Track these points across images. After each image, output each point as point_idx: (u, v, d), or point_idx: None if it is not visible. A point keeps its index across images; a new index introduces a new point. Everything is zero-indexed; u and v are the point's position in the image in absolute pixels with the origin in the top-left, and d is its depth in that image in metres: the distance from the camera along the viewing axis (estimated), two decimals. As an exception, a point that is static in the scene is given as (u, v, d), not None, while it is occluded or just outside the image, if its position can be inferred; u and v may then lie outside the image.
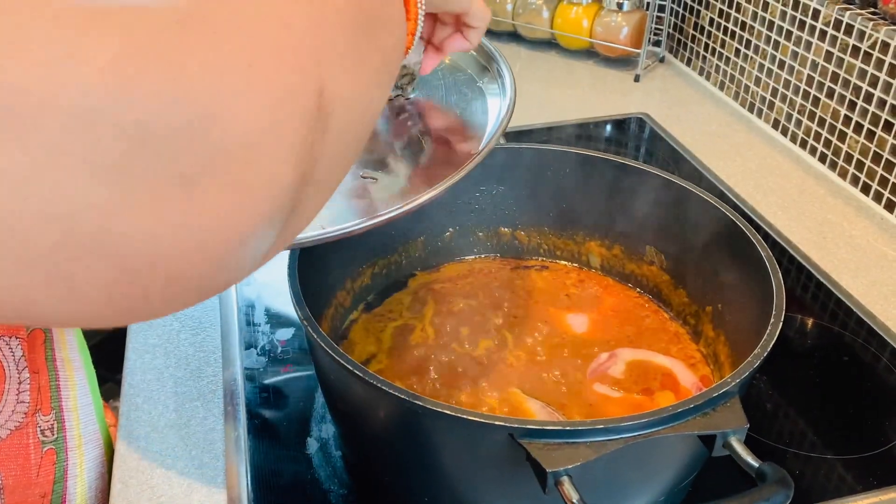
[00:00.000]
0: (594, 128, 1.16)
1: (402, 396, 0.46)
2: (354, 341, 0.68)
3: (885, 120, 0.92)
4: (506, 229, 0.78)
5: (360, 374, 0.47)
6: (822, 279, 0.84)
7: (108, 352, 0.79)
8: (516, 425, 0.45)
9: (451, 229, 0.77)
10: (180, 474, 0.62)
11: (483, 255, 0.79)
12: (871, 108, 0.94)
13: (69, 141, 0.20)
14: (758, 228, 0.92)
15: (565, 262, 0.78)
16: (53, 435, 0.57)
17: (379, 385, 0.46)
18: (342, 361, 0.48)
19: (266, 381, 0.70)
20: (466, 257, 0.78)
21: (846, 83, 0.97)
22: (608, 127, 1.17)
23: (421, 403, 0.46)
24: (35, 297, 0.23)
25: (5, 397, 0.52)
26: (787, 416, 0.69)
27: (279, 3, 0.25)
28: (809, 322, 0.79)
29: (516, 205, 0.77)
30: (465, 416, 0.45)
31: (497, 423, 0.45)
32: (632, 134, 1.17)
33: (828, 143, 1.02)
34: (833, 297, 0.82)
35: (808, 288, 0.84)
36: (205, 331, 0.76)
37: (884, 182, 0.93)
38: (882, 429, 0.67)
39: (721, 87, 1.23)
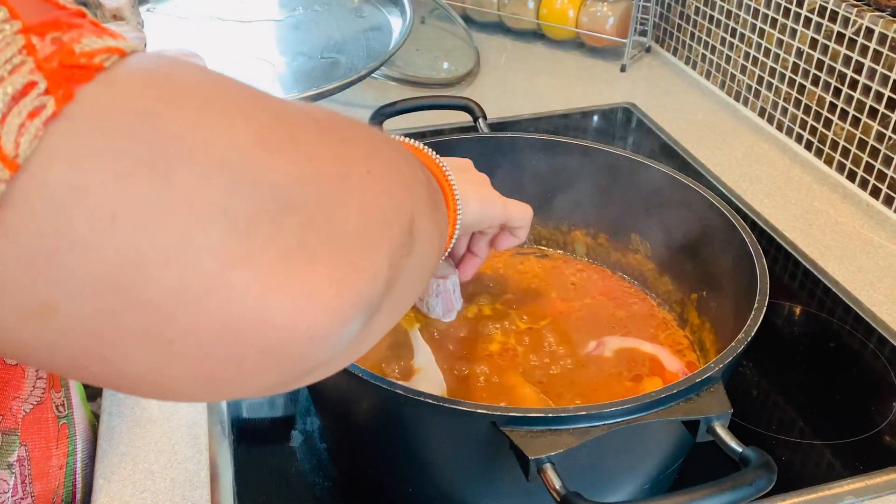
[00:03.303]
0: (580, 118, 1.16)
1: (382, 385, 0.45)
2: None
3: (870, 106, 0.92)
4: (491, 219, 0.78)
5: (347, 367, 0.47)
6: (808, 266, 0.84)
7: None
8: (498, 413, 0.44)
9: (435, 220, 0.76)
10: (163, 469, 0.61)
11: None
12: (856, 95, 0.93)
13: (209, 188, 0.21)
14: (744, 217, 0.92)
15: (560, 251, 0.78)
16: (65, 410, 0.58)
17: (359, 374, 0.46)
18: (322, 351, 0.48)
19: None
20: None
21: (831, 70, 0.97)
22: (595, 117, 1.16)
23: (402, 392, 0.45)
24: (126, 348, 0.22)
25: (28, 372, 0.53)
26: (774, 403, 0.68)
27: (387, 144, 0.31)
28: (796, 309, 0.79)
29: (501, 194, 0.76)
30: (446, 405, 0.45)
31: (479, 411, 0.44)
32: (618, 124, 1.16)
33: (813, 131, 1.02)
34: (819, 283, 0.82)
35: (795, 275, 0.84)
36: (188, 325, 0.75)
37: (869, 169, 0.93)
38: (868, 414, 0.67)
39: (707, 77, 1.23)
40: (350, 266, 0.26)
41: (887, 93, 0.89)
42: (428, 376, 0.62)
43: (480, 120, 0.78)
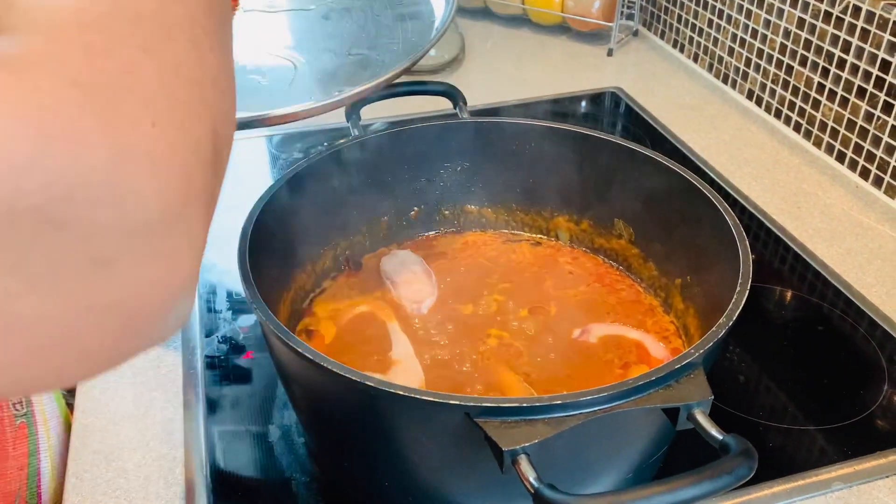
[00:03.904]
0: (567, 104, 1.14)
1: (352, 378, 0.44)
2: (321, 317, 0.66)
3: (858, 86, 0.90)
4: (472, 207, 0.76)
5: (310, 357, 0.45)
6: (797, 249, 0.83)
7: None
8: (472, 404, 0.43)
9: (416, 208, 0.75)
10: (137, 467, 0.60)
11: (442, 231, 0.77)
12: (844, 75, 0.92)
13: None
14: (732, 200, 0.90)
15: (548, 238, 0.76)
16: (23, 409, 0.56)
17: (328, 367, 0.44)
18: (292, 344, 0.46)
19: (227, 369, 0.68)
20: (431, 232, 0.76)
21: (819, 50, 0.95)
22: (581, 103, 1.15)
23: (372, 385, 0.44)
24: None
25: None
26: (762, 389, 0.67)
27: (164, 49, 0.24)
28: (786, 293, 0.78)
29: (482, 181, 0.75)
30: (418, 396, 0.43)
31: (452, 402, 0.43)
32: (606, 109, 1.15)
33: (802, 112, 1.00)
34: (808, 267, 0.80)
35: (784, 259, 0.82)
36: (165, 319, 0.74)
37: (858, 150, 0.92)
38: (858, 398, 0.66)
39: (695, 59, 1.21)
40: (161, 255, 0.24)
41: (875, 72, 0.87)
42: (406, 368, 0.61)
43: (461, 106, 0.76)
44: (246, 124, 0.53)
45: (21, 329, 0.22)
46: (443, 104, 0.78)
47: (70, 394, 0.68)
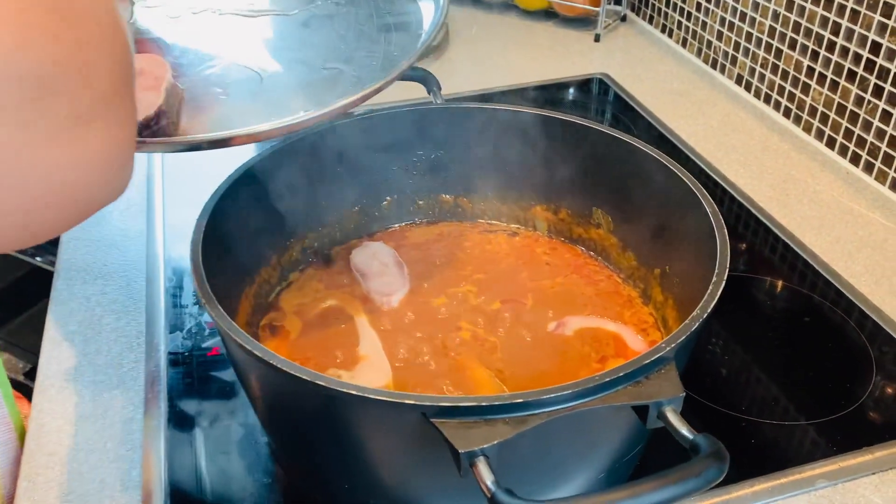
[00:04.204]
0: (553, 90, 1.11)
1: (303, 377, 0.42)
2: (286, 311, 0.64)
3: (849, 69, 0.87)
4: (447, 196, 0.74)
5: (259, 355, 0.43)
6: (785, 238, 0.80)
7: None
8: (428, 403, 0.40)
9: (388, 198, 0.72)
10: (92, 469, 0.57)
11: (421, 221, 0.74)
12: (834, 58, 0.89)
13: None
14: (720, 189, 0.88)
15: (526, 228, 0.74)
16: None
17: (278, 365, 0.42)
18: (241, 341, 0.44)
19: (191, 366, 0.66)
20: (403, 223, 0.74)
21: (808, 32, 0.93)
22: (568, 89, 1.12)
23: (324, 384, 0.41)
24: None
25: None
26: (745, 383, 0.65)
27: None
28: (772, 283, 0.75)
29: (457, 170, 0.73)
30: (372, 396, 0.41)
31: (407, 401, 0.41)
32: (592, 95, 1.12)
33: (791, 97, 0.98)
34: (796, 255, 0.78)
35: (773, 248, 0.80)
36: (129, 314, 0.71)
37: (849, 135, 0.89)
38: (845, 391, 0.63)
39: (684, 44, 1.18)
40: (121, 120, 0.34)
41: (866, 54, 0.84)
42: (373, 364, 0.58)
43: (435, 91, 0.74)
44: (191, 147, 0.48)
45: (27, 177, 0.30)
46: (421, 93, 0.75)
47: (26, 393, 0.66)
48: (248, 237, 0.61)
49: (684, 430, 0.40)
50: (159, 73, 0.47)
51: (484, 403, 0.40)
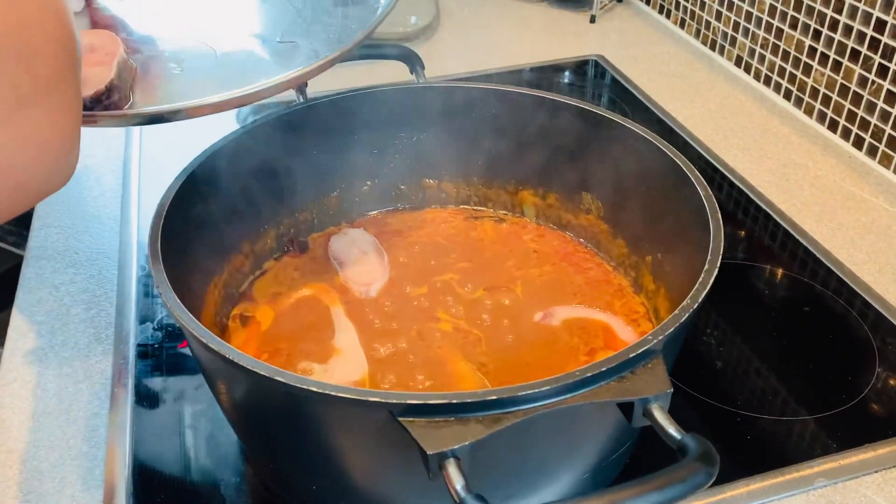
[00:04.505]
0: (547, 73, 1.08)
1: (261, 372, 0.39)
2: (259, 301, 0.61)
3: (852, 48, 0.84)
4: (431, 181, 0.71)
5: (215, 348, 0.40)
6: (785, 225, 0.77)
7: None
8: (394, 401, 0.37)
9: (369, 183, 0.69)
10: (53, 467, 0.55)
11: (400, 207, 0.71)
12: (837, 37, 0.86)
13: None
14: (719, 174, 0.84)
15: (513, 214, 0.70)
16: None
17: (234, 359, 0.39)
18: (196, 333, 0.41)
19: (160, 359, 0.63)
20: (385, 209, 0.71)
21: (810, 11, 0.89)
22: (563, 72, 1.08)
23: (283, 380, 0.38)
24: None
25: None
26: (744, 375, 0.62)
27: None
28: (771, 271, 0.72)
29: (441, 153, 0.69)
30: (334, 394, 0.38)
31: (372, 399, 0.38)
32: (588, 78, 1.08)
33: (792, 79, 0.94)
34: (796, 243, 0.75)
35: (773, 235, 0.76)
36: (98, 304, 0.68)
37: (851, 117, 0.86)
38: (848, 383, 0.60)
39: (682, 25, 1.14)
40: (64, 105, 0.34)
41: (870, 32, 0.81)
42: (348, 357, 0.55)
43: (418, 71, 0.70)
44: (144, 120, 0.47)
45: None
46: (405, 76, 0.72)
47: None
48: (218, 223, 0.58)
49: (672, 430, 0.37)
50: (111, 49, 0.45)
51: (455, 401, 0.37)
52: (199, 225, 0.55)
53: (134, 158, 0.87)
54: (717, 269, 0.45)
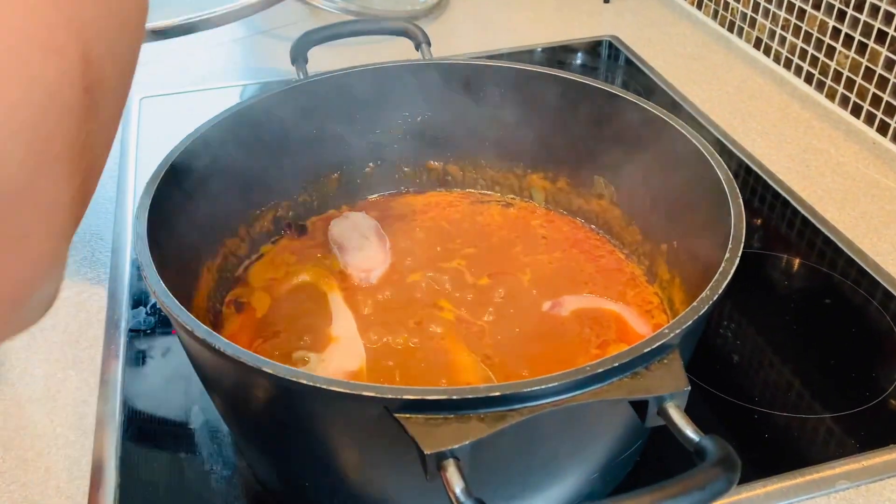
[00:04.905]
0: (559, 53, 1.04)
1: (248, 362, 0.36)
2: (254, 287, 0.58)
3: (879, 29, 0.80)
4: (436, 163, 0.68)
5: (200, 335, 0.37)
6: (805, 213, 0.74)
7: None
8: (390, 396, 0.35)
9: (371, 164, 0.67)
10: (38, 456, 0.52)
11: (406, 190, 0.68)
12: (863, 17, 0.82)
13: None
14: (736, 159, 0.81)
15: (521, 198, 0.68)
16: None
17: (219, 347, 0.37)
18: (181, 320, 0.38)
19: (153, 345, 0.60)
20: (387, 192, 0.68)
21: (835, -11, 0.85)
22: (575, 53, 1.05)
23: (270, 371, 0.36)
24: None
25: None
26: (762, 370, 0.59)
27: None
28: (791, 262, 0.69)
29: (447, 133, 0.66)
30: (325, 387, 0.35)
31: (367, 394, 0.35)
32: (601, 59, 1.05)
33: (814, 61, 0.90)
34: (817, 232, 0.71)
35: (791, 223, 0.73)
36: (91, 288, 0.66)
37: (876, 101, 0.82)
38: (869, 381, 0.57)
39: (699, 6, 1.11)
40: (8, 242, 0.19)
41: (898, 12, 0.77)
42: (345, 347, 0.53)
43: (423, 48, 0.68)
44: (163, 32, 0.44)
45: None
46: (412, 55, 0.69)
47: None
48: (212, 203, 0.55)
49: (689, 431, 0.35)
50: None
51: (455, 397, 0.34)
52: (193, 205, 0.52)
53: (131, 138, 0.84)
54: (738, 258, 0.43)
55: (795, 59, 0.93)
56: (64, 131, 0.18)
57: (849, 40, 0.84)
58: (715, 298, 0.40)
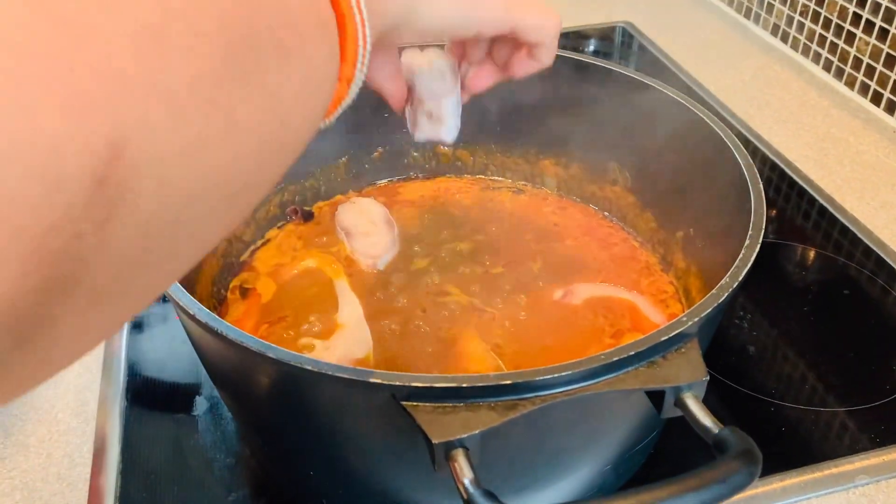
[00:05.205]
0: (572, 40, 1.02)
1: (251, 347, 0.35)
2: (260, 272, 0.57)
3: (901, 14, 0.78)
4: (445, 148, 0.66)
5: (202, 319, 0.36)
6: (823, 202, 0.72)
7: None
8: (398, 383, 0.34)
9: (379, 149, 0.65)
10: (40, 442, 0.52)
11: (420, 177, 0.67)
12: (885, 2, 0.80)
13: None
14: (752, 147, 0.79)
15: (532, 185, 0.66)
16: None
17: (222, 331, 0.35)
18: (182, 303, 0.37)
19: (157, 330, 0.59)
20: (396, 178, 0.66)
21: (856, -26, 0.83)
22: (588, 39, 1.03)
23: (274, 356, 0.35)
24: None
25: None
26: (778, 362, 0.57)
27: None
28: (808, 252, 0.67)
29: (457, 118, 0.65)
30: (331, 373, 0.34)
31: (373, 380, 0.34)
32: (615, 46, 1.03)
33: (833, 48, 0.88)
34: (835, 221, 0.70)
35: (808, 213, 0.72)
36: (95, 273, 0.65)
37: (898, 89, 0.80)
38: (892, 373, 0.56)
39: (715, -8, 1.09)
40: None
41: (922, -3, 0.75)
42: (352, 334, 0.52)
43: (434, 30, 0.66)
44: None
45: (238, 133, 0.20)
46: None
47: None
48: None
49: (708, 423, 0.33)
50: None
51: (465, 385, 0.33)
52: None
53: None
54: (759, 245, 0.41)
55: (814, 46, 0.91)
56: (65, 247, 0.15)
57: (869, 26, 0.82)
58: (735, 286, 0.39)
